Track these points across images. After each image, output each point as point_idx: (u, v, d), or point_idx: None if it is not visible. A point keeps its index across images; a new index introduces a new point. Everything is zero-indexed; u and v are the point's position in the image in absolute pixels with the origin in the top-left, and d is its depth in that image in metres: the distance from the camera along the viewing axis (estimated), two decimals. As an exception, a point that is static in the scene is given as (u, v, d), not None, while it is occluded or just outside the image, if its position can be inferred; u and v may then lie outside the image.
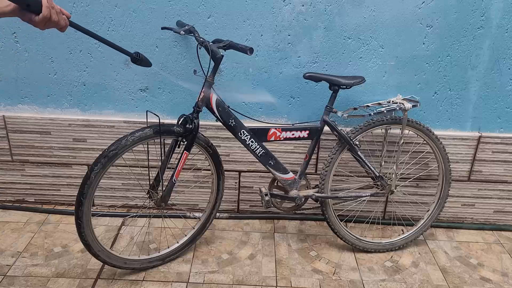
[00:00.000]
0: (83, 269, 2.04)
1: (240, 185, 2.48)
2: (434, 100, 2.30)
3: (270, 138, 2.02)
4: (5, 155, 2.39)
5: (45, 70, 2.23)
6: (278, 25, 2.14)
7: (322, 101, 2.22)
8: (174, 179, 1.93)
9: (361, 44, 2.19)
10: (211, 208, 2.18)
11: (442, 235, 2.46)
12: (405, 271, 2.16)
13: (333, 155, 2.11)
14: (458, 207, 2.52)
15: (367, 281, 2.07)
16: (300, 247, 2.29)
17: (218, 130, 2.31)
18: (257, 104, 2.30)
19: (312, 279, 2.07)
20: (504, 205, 2.51)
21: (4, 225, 2.33)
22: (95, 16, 2.12)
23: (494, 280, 2.13)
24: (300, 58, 2.20)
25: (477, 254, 2.31)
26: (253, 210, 2.54)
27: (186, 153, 1.91)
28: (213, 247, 2.26)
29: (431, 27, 2.15)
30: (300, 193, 2.15)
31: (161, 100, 2.29)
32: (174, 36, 2.16)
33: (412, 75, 2.25)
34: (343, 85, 2.02)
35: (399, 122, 2.11)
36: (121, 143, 1.78)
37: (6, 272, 1.99)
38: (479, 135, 2.35)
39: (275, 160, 2.07)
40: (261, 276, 2.07)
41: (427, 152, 2.30)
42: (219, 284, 2.00)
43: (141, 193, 2.45)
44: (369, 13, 2.13)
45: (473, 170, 2.42)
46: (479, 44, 2.18)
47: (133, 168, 2.32)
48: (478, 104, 2.31)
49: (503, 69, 2.24)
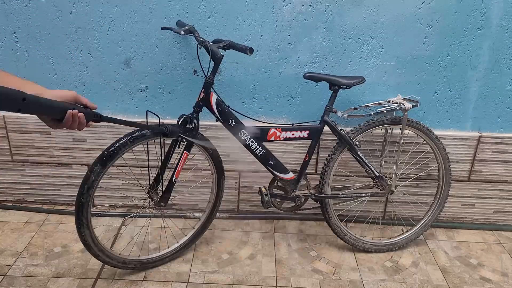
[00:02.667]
0: (83, 269, 2.04)
1: (240, 185, 2.48)
2: (434, 100, 2.30)
3: (270, 138, 2.02)
4: (5, 155, 2.39)
5: (45, 70, 2.23)
6: (278, 25, 2.14)
7: (322, 101, 2.22)
8: (174, 179, 1.93)
9: (361, 44, 2.19)
10: (211, 208, 2.18)
11: (442, 235, 2.46)
12: (405, 271, 2.16)
13: (333, 155, 2.11)
14: (458, 207, 2.52)
15: (367, 281, 2.07)
16: (300, 247, 2.29)
17: (218, 130, 2.31)
18: (257, 104, 2.30)
19: (312, 279, 2.07)
20: (504, 205, 2.51)
21: (4, 225, 2.33)
22: (95, 16, 2.12)
23: (494, 280, 2.13)
24: (300, 58, 2.20)
25: (477, 254, 2.31)
26: (253, 210, 2.54)
27: (186, 153, 1.91)
28: (213, 247, 2.26)
29: (431, 27, 2.15)
30: (300, 193, 2.15)
31: (161, 100, 2.29)
32: (174, 36, 2.16)
33: (412, 75, 2.25)
34: (343, 85, 2.02)
35: (399, 122, 2.11)
36: (121, 143, 1.78)
37: (6, 272, 1.99)
38: (479, 135, 2.35)
39: (275, 160, 2.07)
40: (261, 276, 2.07)
41: (427, 152, 2.30)
42: (219, 284, 2.00)
43: (141, 193, 2.45)
44: (369, 13, 2.13)
45: (473, 170, 2.42)
46: (479, 44, 2.18)
47: (133, 168, 2.32)
48: (478, 104, 2.31)
49: (503, 69, 2.24)
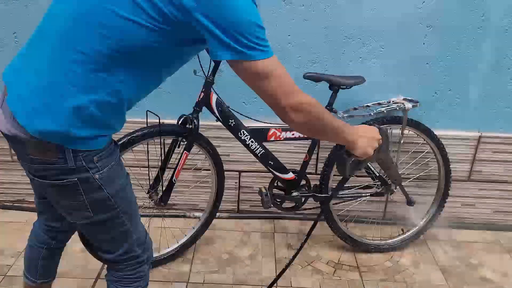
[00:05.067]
0: (83, 269, 2.04)
1: (240, 185, 2.48)
2: (434, 100, 2.29)
3: (270, 138, 2.02)
4: (5, 155, 2.39)
5: (45, 70, 2.23)
6: (278, 25, 2.14)
7: (322, 101, 2.21)
8: (174, 179, 1.93)
9: (361, 44, 2.19)
10: (211, 208, 2.18)
11: (442, 235, 2.46)
12: (405, 271, 2.16)
13: (333, 155, 2.11)
14: (458, 207, 2.51)
15: (367, 281, 2.07)
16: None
17: (218, 130, 2.31)
18: (258, 104, 2.29)
19: (312, 279, 2.07)
20: (504, 205, 2.51)
21: (4, 225, 2.33)
22: (95, 16, 2.12)
23: (494, 280, 2.13)
24: (300, 58, 2.20)
25: (477, 254, 2.31)
26: (253, 210, 2.54)
27: (186, 153, 1.91)
28: (213, 247, 2.26)
29: (431, 27, 2.15)
30: (300, 193, 2.15)
31: (161, 100, 2.29)
32: (174, 36, 2.16)
33: (412, 75, 2.25)
34: (343, 85, 2.02)
35: (399, 122, 2.11)
36: (120, 143, 1.78)
37: (6, 272, 1.99)
38: (479, 135, 2.35)
39: (275, 160, 2.06)
40: (261, 276, 2.07)
41: (427, 152, 2.30)
42: (219, 284, 2.00)
43: (141, 193, 2.45)
44: (369, 13, 2.13)
45: (473, 170, 2.42)
46: (479, 44, 2.18)
47: (133, 168, 2.32)
48: (478, 104, 2.30)
49: (503, 69, 2.24)
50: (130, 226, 1.23)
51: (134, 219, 1.25)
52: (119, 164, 1.17)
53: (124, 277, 1.30)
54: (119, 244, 1.25)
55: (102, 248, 1.29)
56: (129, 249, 1.26)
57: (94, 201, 1.13)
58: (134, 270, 1.30)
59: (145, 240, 1.31)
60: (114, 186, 1.14)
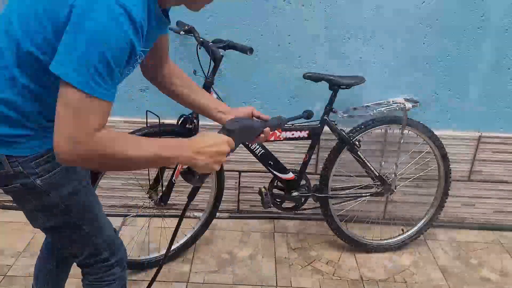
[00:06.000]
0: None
1: (240, 185, 2.48)
2: (434, 100, 2.29)
3: (270, 138, 2.02)
4: (5, 155, 2.39)
5: (45, 70, 2.23)
6: (278, 25, 2.14)
7: (322, 101, 2.22)
8: (174, 179, 1.93)
9: (361, 44, 2.19)
10: (211, 208, 2.18)
11: (442, 235, 2.46)
12: (405, 271, 2.16)
13: (333, 155, 2.11)
14: (458, 207, 2.51)
15: (367, 281, 2.07)
16: (300, 247, 2.29)
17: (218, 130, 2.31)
18: (258, 104, 2.29)
19: (312, 279, 2.07)
20: (504, 205, 2.51)
21: (4, 225, 2.33)
22: (95, 16, 2.12)
23: (494, 280, 2.13)
24: (300, 58, 2.20)
25: (477, 254, 2.31)
26: (253, 210, 2.54)
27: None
28: (213, 247, 2.26)
29: (431, 27, 2.15)
30: (300, 193, 2.15)
31: (161, 100, 2.28)
32: (174, 36, 2.16)
33: (412, 75, 2.25)
34: (343, 85, 2.02)
35: (399, 122, 2.11)
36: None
37: (6, 272, 1.99)
38: (479, 135, 2.35)
39: (275, 160, 2.07)
40: (261, 276, 2.07)
41: (427, 152, 2.30)
42: (219, 284, 2.00)
43: (141, 193, 2.45)
44: (369, 13, 2.13)
45: (473, 170, 2.42)
46: (479, 44, 2.18)
47: (133, 168, 2.32)
48: (478, 104, 2.30)
49: (503, 69, 2.24)
50: (91, 230, 1.22)
51: (95, 223, 1.23)
52: (68, 169, 1.13)
53: (95, 281, 1.30)
54: (81, 249, 1.24)
55: (67, 252, 1.30)
56: (94, 253, 1.25)
57: (44, 207, 1.13)
58: (103, 273, 1.29)
59: (114, 243, 1.30)
60: (62, 191, 1.13)
